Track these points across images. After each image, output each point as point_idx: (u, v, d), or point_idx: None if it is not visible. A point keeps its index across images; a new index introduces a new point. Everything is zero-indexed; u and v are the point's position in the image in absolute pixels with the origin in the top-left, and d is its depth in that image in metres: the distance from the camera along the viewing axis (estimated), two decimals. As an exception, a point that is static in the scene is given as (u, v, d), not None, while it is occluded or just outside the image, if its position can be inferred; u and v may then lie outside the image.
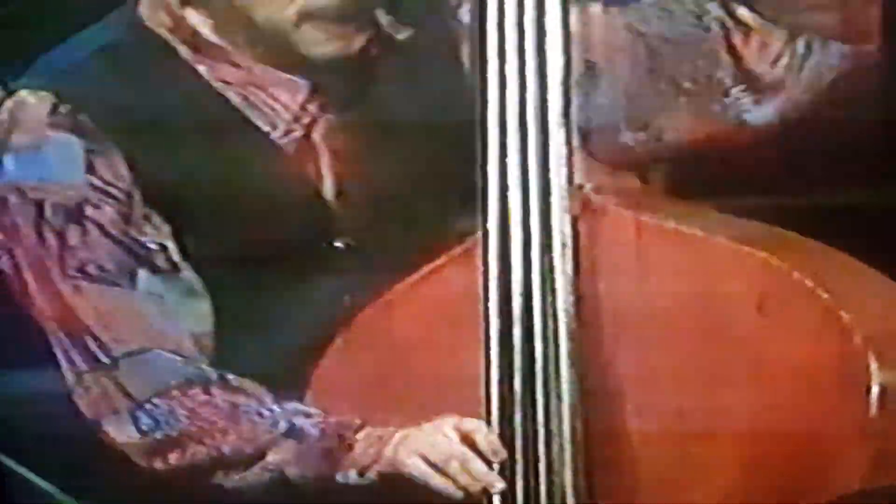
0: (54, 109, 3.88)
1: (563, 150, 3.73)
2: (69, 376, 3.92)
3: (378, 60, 3.98)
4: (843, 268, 3.76)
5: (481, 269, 3.79)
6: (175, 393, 3.88)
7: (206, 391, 3.89)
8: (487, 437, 3.73)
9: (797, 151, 4.20)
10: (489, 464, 3.73)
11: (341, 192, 4.03)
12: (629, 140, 4.00)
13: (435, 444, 3.77)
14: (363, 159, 4.03)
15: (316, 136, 4.01)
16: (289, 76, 3.96)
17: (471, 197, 3.81)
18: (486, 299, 3.78)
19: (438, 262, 3.92)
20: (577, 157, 3.79)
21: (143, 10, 4.01)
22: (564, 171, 3.73)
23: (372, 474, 3.79)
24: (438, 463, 3.74)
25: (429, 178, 4.03)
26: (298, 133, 3.99)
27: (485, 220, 3.76)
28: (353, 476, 3.80)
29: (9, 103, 3.92)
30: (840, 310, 3.57)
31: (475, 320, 3.82)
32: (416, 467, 3.73)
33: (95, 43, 4.01)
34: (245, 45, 3.96)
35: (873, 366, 3.54)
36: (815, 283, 3.61)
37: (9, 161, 3.93)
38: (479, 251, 3.80)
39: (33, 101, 3.91)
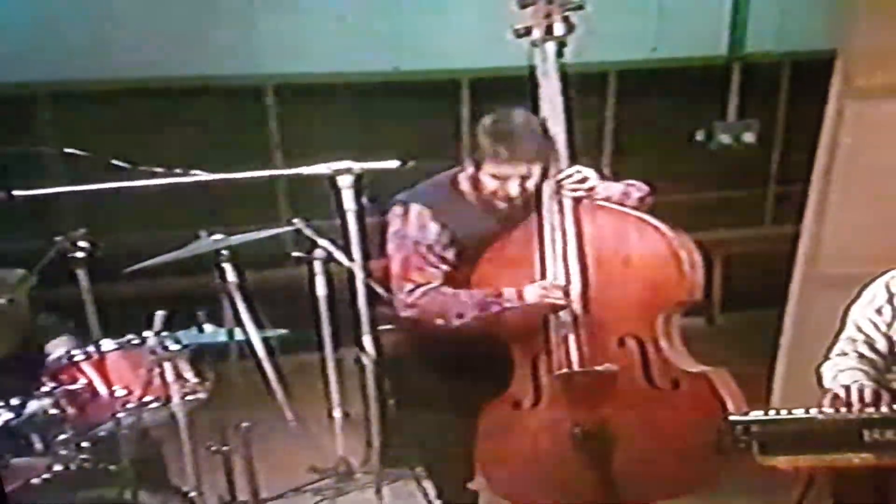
0: (432, 216, 4.22)
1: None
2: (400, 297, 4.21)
3: None
4: (681, 233, 4.15)
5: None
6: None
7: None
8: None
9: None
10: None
11: None
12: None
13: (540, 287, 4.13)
14: None
15: None
16: None
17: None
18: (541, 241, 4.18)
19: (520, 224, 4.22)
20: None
21: (461, 183, 4.29)
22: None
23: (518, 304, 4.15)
24: (543, 292, 4.13)
25: None
26: None
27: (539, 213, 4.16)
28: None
29: (412, 211, 4.24)
30: (668, 236, 4.07)
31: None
32: (533, 296, 4.12)
33: (438, 192, 4.32)
34: None
35: (684, 255, 4.07)
36: (665, 229, 4.09)
37: (410, 228, 4.19)
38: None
39: (420, 209, 4.25)
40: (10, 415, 3.86)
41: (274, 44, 7.38)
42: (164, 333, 4.09)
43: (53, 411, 3.94)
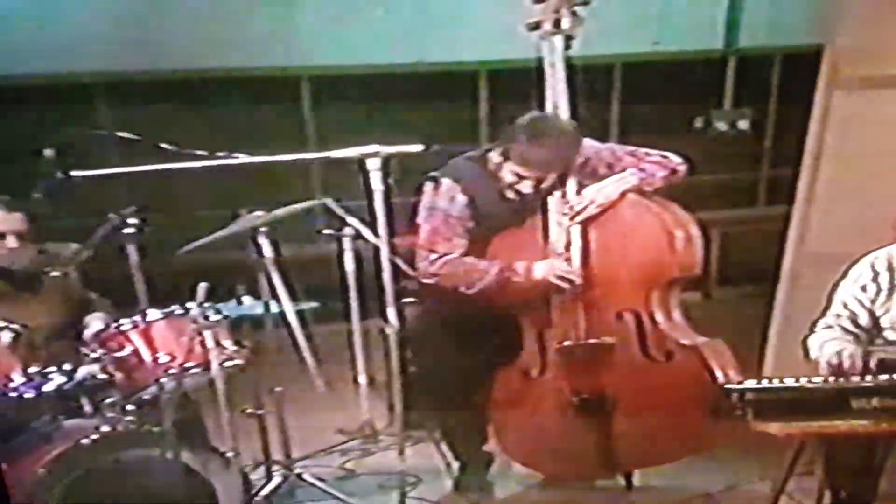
0: (462, 190, 4.14)
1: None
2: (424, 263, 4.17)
3: None
4: (669, 206, 4.11)
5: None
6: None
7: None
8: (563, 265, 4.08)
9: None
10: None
11: None
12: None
13: (548, 265, 4.08)
14: None
15: None
16: None
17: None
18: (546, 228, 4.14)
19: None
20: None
21: (489, 163, 4.12)
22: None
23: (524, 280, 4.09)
24: (551, 269, 4.06)
25: None
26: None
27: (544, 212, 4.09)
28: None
29: (443, 185, 4.17)
30: (664, 215, 4.04)
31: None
32: (541, 273, 4.08)
33: (468, 168, 4.21)
34: None
35: (678, 233, 4.02)
36: (660, 210, 4.07)
37: (440, 201, 4.16)
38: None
39: (450, 183, 4.14)
40: (63, 379, 3.82)
41: (309, 38, 7.43)
42: (206, 304, 4.02)
43: (102, 376, 3.90)
